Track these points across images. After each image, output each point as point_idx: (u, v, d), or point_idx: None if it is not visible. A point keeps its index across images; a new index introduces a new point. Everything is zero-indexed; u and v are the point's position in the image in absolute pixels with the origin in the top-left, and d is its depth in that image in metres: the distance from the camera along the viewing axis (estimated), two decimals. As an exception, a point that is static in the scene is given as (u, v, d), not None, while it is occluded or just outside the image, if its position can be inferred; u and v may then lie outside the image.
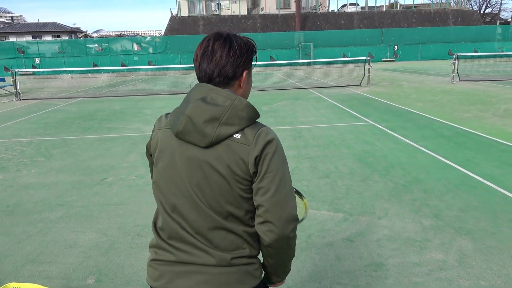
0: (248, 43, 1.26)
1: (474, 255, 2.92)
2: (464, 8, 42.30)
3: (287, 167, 1.20)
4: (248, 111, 1.16)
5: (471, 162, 5.13)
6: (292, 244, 1.22)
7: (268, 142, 1.15)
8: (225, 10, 38.81)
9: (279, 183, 1.15)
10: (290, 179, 1.19)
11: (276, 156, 1.16)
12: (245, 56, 1.23)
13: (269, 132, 1.18)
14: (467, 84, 14.38)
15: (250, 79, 1.32)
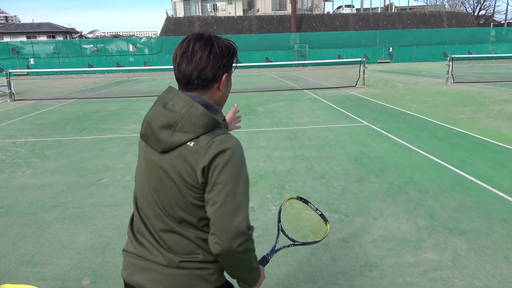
0: (229, 46, 1.24)
1: (468, 255, 2.94)
2: (459, 10, 42.61)
3: (243, 179, 1.14)
4: (204, 118, 1.13)
5: (465, 163, 5.17)
6: (245, 258, 1.16)
7: (220, 152, 1.11)
8: (220, 11, 38.81)
9: (227, 195, 1.10)
10: (244, 192, 1.14)
11: (228, 167, 1.11)
12: (225, 59, 1.22)
13: (224, 141, 1.13)
14: (461, 86, 14.49)
15: (229, 82, 1.31)
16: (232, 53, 1.25)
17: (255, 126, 8.13)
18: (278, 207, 3.97)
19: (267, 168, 5.22)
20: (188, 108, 1.14)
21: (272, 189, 4.46)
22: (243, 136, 7.20)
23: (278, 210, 1.82)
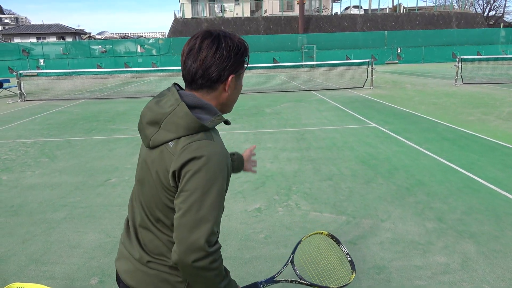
0: (238, 45, 1.17)
1: (477, 258, 2.91)
2: (468, 11, 42.21)
3: (215, 191, 1.05)
4: (187, 119, 1.09)
5: (474, 165, 5.12)
6: (205, 276, 1.07)
7: (193, 159, 1.05)
8: (228, 12, 38.90)
9: (192, 205, 1.03)
10: (212, 205, 1.05)
11: (199, 176, 1.04)
12: (232, 59, 1.15)
13: (202, 147, 1.06)
14: (471, 87, 14.35)
15: (238, 84, 1.23)
16: (241, 53, 1.18)
17: (263, 127, 8.12)
18: (285, 208, 3.96)
19: (274, 169, 5.22)
20: (174, 107, 1.11)
21: (279, 190, 4.46)
22: (250, 137, 7.20)
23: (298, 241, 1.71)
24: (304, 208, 3.95)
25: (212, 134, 1.13)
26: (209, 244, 1.04)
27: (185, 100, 1.14)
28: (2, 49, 32.44)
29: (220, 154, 1.09)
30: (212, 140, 1.10)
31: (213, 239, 1.06)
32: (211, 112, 1.16)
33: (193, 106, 1.14)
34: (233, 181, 4.81)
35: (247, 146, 6.48)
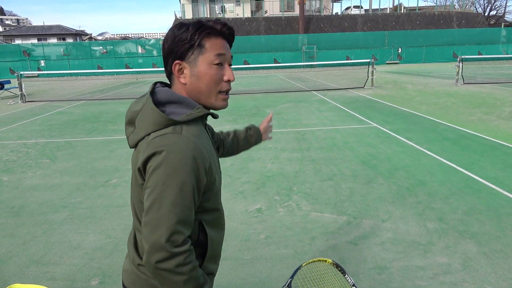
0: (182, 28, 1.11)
1: (479, 259, 2.90)
2: (469, 11, 42.17)
3: (175, 188, 0.99)
4: (153, 114, 1.06)
5: (475, 165, 5.11)
6: (171, 279, 1.00)
7: (155, 153, 1.00)
8: (229, 12, 38.93)
9: (153, 203, 0.99)
10: (172, 203, 0.99)
11: (159, 171, 0.99)
12: (174, 43, 1.10)
13: (163, 141, 1.02)
14: (472, 87, 14.33)
15: (199, 71, 1.12)
16: (180, 38, 1.10)
17: (263, 127, 8.11)
18: (286, 208, 3.96)
19: (275, 170, 5.21)
20: (143, 104, 1.10)
21: (280, 191, 4.45)
22: (251, 137, 7.20)
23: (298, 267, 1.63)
24: (305, 208, 3.95)
25: (183, 127, 1.06)
26: (174, 244, 0.99)
27: (157, 97, 1.12)
28: (3, 50, 32.51)
29: (183, 147, 1.01)
30: (179, 134, 1.04)
31: (178, 239, 0.99)
32: (189, 105, 1.13)
33: (167, 102, 1.12)
34: (233, 181, 4.81)
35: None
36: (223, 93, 1.16)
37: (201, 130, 1.12)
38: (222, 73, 1.14)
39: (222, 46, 1.14)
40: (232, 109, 10.78)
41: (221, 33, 1.14)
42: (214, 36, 1.13)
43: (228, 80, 1.15)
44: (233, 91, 15.45)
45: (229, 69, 1.16)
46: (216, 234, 1.21)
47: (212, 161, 1.13)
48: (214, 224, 1.20)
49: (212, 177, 1.12)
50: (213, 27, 1.12)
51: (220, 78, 1.14)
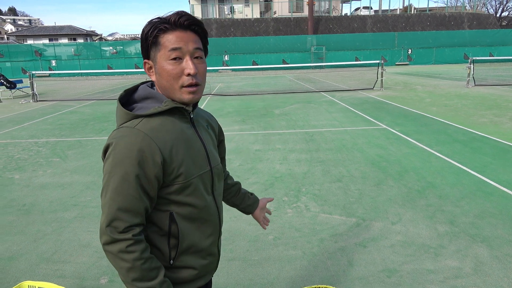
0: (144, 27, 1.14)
1: (490, 263, 2.86)
2: (480, 12, 41.67)
3: (118, 176, 1.06)
4: (118, 109, 1.15)
5: (487, 167, 5.04)
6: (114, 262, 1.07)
7: (109, 145, 1.10)
8: (238, 13, 38.99)
9: (102, 189, 1.10)
10: (116, 190, 1.06)
11: (108, 162, 1.08)
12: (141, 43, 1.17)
13: (114, 135, 1.10)
14: (483, 89, 14.15)
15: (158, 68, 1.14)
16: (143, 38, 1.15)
17: (272, 128, 8.11)
18: (294, 210, 3.94)
19: (283, 171, 5.20)
20: (117, 99, 1.19)
21: (289, 192, 4.44)
22: (259, 138, 7.20)
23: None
24: (314, 209, 3.93)
25: (141, 121, 1.11)
26: (116, 230, 1.05)
27: (135, 94, 1.20)
28: (16, 50, 32.97)
29: (130, 140, 1.06)
30: (131, 127, 1.09)
31: (119, 225, 1.05)
32: (158, 100, 1.17)
33: (142, 98, 1.19)
34: (242, 182, 4.80)
35: (256, 147, 6.47)
36: (187, 86, 1.14)
37: (169, 124, 1.14)
38: (182, 67, 1.12)
39: (178, 40, 1.11)
40: (241, 110, 10.78)
41: (178, 25, 1.11)
42: (171, 30, 1.11)
43: (188, 74, 1.12)
44: (241, 92, 15.47)
45: (189, 62, 1.12)
46: (193, 228, 1.20)
47: (176, 154, 1.13)
48: (191, 218, 1.19)
49: (174, 170, 1.12)
50: (167, 21, 1.11)
51: (179, 73, 1.12)
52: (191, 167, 1.16)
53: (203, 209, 1.21)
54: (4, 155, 6.49)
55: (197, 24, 1.15)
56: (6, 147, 7.03)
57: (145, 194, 1.09)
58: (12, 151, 6.72)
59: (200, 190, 1.20)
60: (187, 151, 1.16)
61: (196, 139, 1.21)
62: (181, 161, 1.14)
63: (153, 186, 1.10)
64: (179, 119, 1.18)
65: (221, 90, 16.64)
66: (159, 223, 1.16)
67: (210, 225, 1.26)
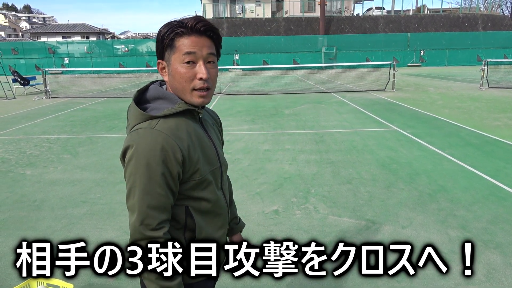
0: (161, 28, 1.16)
1: (504, 270, 2.80)
2: (494, 13, 41.02)
3: (144, 177, 1.09)
4: (133, 110, 1.17)
5: (500, 172, 4.94)
6: None
7: (128, 147, 1.11)
8: (249, 13, 38.99)
9: (129, 191, 1.12)
10: (144, 190, 1.09)
11: (131, 164, 1.10)
12: (156, 44, 1.20)
13: (134, 136, 1.11)
14: (497, 91, 13.91)
15: (173, 70, 1.16)
16: (160, 39, 1.17)
17: (281, 128, 8.08)
18: (303, 211, 3.91)
19: (293, 171, 5.17)
20: (132, 101, 1.21)
21: (297, 193, 4.41)
22: (269, 137, 7.17)
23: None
24: (323, 211, 3.89)
25: (158, 122, 1.13)
26: (148, 228, 1.10)
27: (147, 94, 1.22)
28: (30, 47, 33.50)
29: (152, 140, 1.09)
30: (151, 128, 1.11)
31: (152, 223, 1.10)
32: (172, 101, 1.19)
33: (154, 98, 1.20)
34: (250, 182, 4.79)
35: (266, 147, 6.45)
36: (198, 90, 1.17)
37: (183, 124, 1.18)
38: (194, 71, 1.16)
39: (193, 44, 1.14)
40: (250, 109, 10.77)
41: (194, 30, 1.14)
42: (187, 34, 1.14)
43: (200, 78, 1.16)
44: (251, 91, 15.45)
45: (202, 67, 1.15)
46: (207, 221, 1.27)
47: (193, 152, 1.17)
48: (205, 211, 1.26)
49: (191, 168, 1.17)
50: (184, 25, 1.14)
51: (192, 76, 1.16)
52: (205, 164, 1.23)
53: (215, 203, 1.28)
54: (16, 150, 6.57)
55: (212, 31, 1.18)
56: (19, 143, 7.12)
57: (170, 191, 1.14)
58: (24, 147, 6.81)
59: (212, 185, 1.26)
60: (201, 149, 1.22)
61: (206, 138, 1.27)
62: (198, 159, 1.19)
63: (176, 183, 1.15)
64: (191, 119, 1.23)
65: (231, 90, 16.65)
66: (175, 217, 1.21)
67: (220, 218, 1.33)
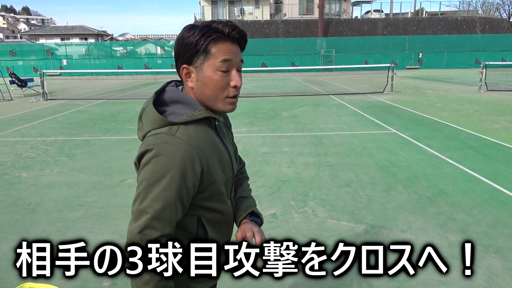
0: (190, 32, 1.10)
1: (504, 275, 2.76)
2: (493, 16, 41.16)
3: (161, 185, 1.05)
4: (152, 115, 1.12)
5: (500, 175, 4.91)
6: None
7: (146, 151, 1.07)
8: (248, 15, 39.02)
9: (138, 196, 1.08)
10: (155, 198, 1.05)
11: (147, 168, 1.06)
12: (181, 48, 1.12)
13: (155, 140, 1.07)
14: (495, 94, 13.92)
15: (204, 76, 1.12)
16: (188, 42, 1.10)
17: (280, 130, 8.05)
18: (301, 215, 3.87)
19: (291, 174, 5.13)
20: (147, 103, 1.16)
21: (296, 196, 4.37)
22: (267, 140, 7.13)
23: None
24: (321, 215, 3.85)
25: (178, 128, 1.09)
26: (145, 238, 1.05)
27: (164, 96, 1.17)
28: (28, 49, 33.43)
29: (173, 149, 1.05)
30: (171, 135, 1.07)
31: (152, 234, 1.05)
32: (192, 107, 1.15)
33: (172, 101, 1.16)
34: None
35: (264, 150, 6.41)
36: (231, 97, 1.16)
37: (202, 132, 1.14)
38: (229, 78, 1.13)
39: (229, 51, 1.11)
40: (249, 111, 10.73)
41: (229, 37, 1.11)
42: (222, 40, 1.11)
43: (235, 86, 1.14)
44: (250, 93, 15.42)
45: (236, 75, 1.14)
46: (216, 231, 1.24)
47: (212, 162, 1.14)
48: (216, 222, 1.24)
49: (209, 179, 1.14)
50: (220, 32, 1.10)
51: (227, 84, 1.13)
52: (221, 174, 1.20)
53: (226, 213, 1.27)
54: (12, 153, 6.52)
55: (245, 39, 1.17)
56: (15, 145, 7.07)
57: (181, 205, 1.10)
58: (20, 149, 6.75)
59: (224, 196, 1.24)
60: (218, 158, 1.19)
61: (221, 146, 1.23)
62: (215, 169, 1.16)
63: (190, 196, 1.12)
64: (208, 127, 1.19)
65: (230, 92, 16.59)
66: (186, 227, 1.18)
67: (228, 227, 1.31)
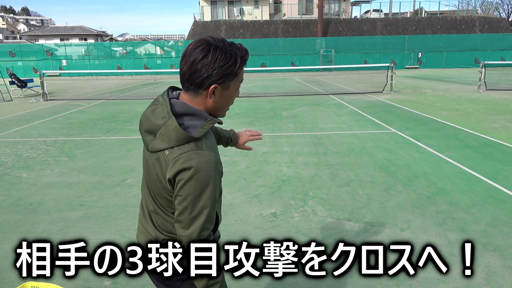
0: (228, 57, 1.23)
1: (503, 273, 2.78)
2: (492, 16, 41.17)
3: (205, 196, 1.20)
4: (176, 132, 1.21)
5: (499, 174, 4.93)
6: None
7: (184, 169, 1.17)
8: (247, 15, 39.01)
9: (186, 207, 1.20)
10: (203, 206, 1.21)
11: (190, 184, 1.18)
12: (216, 70, 1.22)
13: (190, 159, 1.18)
14: (495, 93, 13.94)
15: (227, 94, 1.30)
16: (227, 67, 1.23)
17: (279, 130, 8.06)
18: (301, 214, 3.89)
19: (291, 174, 5.15)
20: (166, 120, 1.23)
21: (296, 195, 4.39)
22: (267, 140, 7.15)
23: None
24: (321, 214, 3.87)
25: (202, 142, 1.23)
26: (202, 237, 1.24)
27: (175, 110, 1.25)
28: (28, 49, 33.37)
29: (208, 163, 1.20)
30: (200, 150, 1.21)
31: (205, 233, 1.24)
32: (202, 117, 1.26)
33: (183, 114, 1.26)
34: (248, 184, 4.77)
35: (264, 149, 6.43)
36: None
37: (211, 138, 1.30)
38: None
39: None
40: (248, 111, 10.75)
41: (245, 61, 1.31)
42: (243, 65, 1.31)
43: None
44: (250, 93, 15.44)
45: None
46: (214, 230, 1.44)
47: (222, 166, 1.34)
48: (216, 223, 1.42)
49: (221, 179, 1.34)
50: (244, 59, 1.29)
51: None
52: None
53: (219, 213, 1.43)
54: (13, 153, 6.53)
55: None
56: (16, 146, 7.08)
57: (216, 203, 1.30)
58: (21, 150, 6.77)
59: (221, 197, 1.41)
60: None
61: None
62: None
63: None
64: (211, 131, 1.37)
65: (229, 92, 16.60)
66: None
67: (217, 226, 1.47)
